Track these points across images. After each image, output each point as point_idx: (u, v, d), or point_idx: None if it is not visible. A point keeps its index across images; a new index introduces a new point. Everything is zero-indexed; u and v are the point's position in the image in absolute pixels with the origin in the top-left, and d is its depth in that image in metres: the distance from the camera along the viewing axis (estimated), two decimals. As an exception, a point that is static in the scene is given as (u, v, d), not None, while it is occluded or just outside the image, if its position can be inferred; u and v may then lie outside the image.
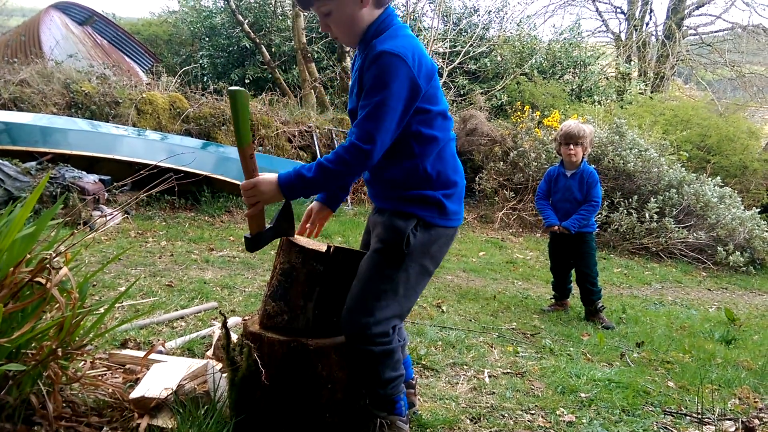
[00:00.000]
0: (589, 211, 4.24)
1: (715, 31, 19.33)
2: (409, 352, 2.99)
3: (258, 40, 11.95)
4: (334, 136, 9.03)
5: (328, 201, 2.19)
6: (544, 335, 3.78)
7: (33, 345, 1.77)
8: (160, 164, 2.67)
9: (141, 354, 2.27)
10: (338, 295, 2.02)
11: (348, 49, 10.87)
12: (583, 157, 4.28)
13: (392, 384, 1.92)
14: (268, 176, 1.81)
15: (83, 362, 2.11)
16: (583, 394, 2.70)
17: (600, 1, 19.67)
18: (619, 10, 19.74)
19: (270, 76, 12.31)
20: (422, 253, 1.88)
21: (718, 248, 7.68)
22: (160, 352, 2.42)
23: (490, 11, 14.25)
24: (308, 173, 1.73)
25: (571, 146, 4.22)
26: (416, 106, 1.76)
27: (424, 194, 1.85)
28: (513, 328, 3.89)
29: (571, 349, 3.52)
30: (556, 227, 4.31)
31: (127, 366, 2.25)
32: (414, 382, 2.27)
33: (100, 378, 2.11)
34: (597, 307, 4.36)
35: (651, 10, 19.06)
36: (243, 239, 1.93)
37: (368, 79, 1.70)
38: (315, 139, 8.78)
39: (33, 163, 5.71)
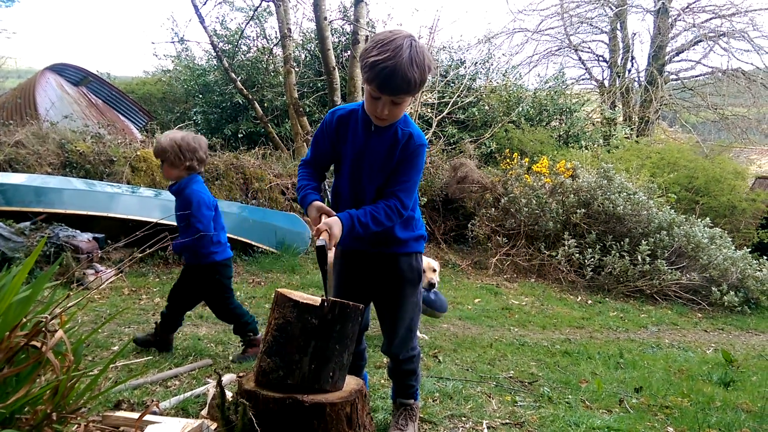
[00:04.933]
0: (191, 235, 3.43)
1: (696, 76, 19.90)
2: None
3: (251, 96, 12.18)
4: (326, 188, 9.11)
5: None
6: (542, 383, 3.75)
7: (27, 409, 1.76)
8: (156, 222, 2.71)
9: (135, 416, 2.24)
10: (334, 348, 2.03)
11: (339, 102, 11.09)
12: (178, 178, 3.54)
13: (419, 377, 2.67)
14: (336, 224, 2.21)
15: (77, 426, 2.08)
16: (582, 443, 2.68)
17: (582, 50, 20.31)
18: (601, 59, 20.37)
19: (263, 130, 12.50)
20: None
21: (712, 289, 7.70)
22: (154, 413, 2.39)
23: (476, 63, 14.64)
24: (363, 218, 2.26)
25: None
26: None
27: (419, 234, 2.56)
28: (510, 377, 3.86)
29: (570, 396, 3.50)
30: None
31: (121, 428, 2.22)
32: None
33: (93, 442, 2.08)
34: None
35: (632, 58, 19.68)
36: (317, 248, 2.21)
37: (409, 162, 2.34)
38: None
39: (27, 224, 5.73)
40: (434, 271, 4.44)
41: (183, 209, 3.49)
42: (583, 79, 20.46)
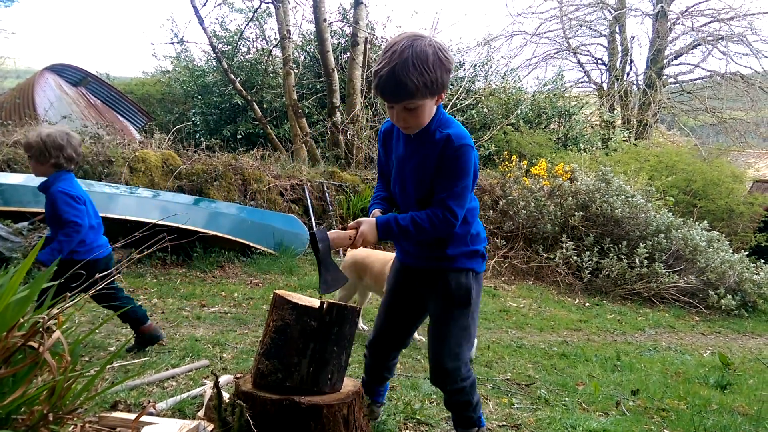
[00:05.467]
0: (65, 236, 3.32)
1: (695, 79, 19.95)
2: (403, 406, 2.98)
3: (250, 98, 12.19)
4: (325, 189, 9.12)
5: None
6: (539, 385, 3.76)
7: (24, 410, 1.76)
8: (157, 223, 2.71)
9: (131, 416, 2.24)
10: (333, 350, 2.03)
11: (338, 104, 11.10)
12: (45, 174, 3.44)
13: (478, 405, 2.40)
14: (367, 222, 2.16)
15: (73, 426, 2.08)
16: (579, 446, 2.68)
17: (581, 54, 20.33)
18: (600, 62, 20.40)
19: (261, 131, 12.50)
20: (477, 297, 2.33)
21: (710, 292, 7.72)
22: (151, 414, 2.39)
23: (476, 65, 14.68)
24: (402, 222, 2.12)
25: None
26: None
27: (474, 249, 2.29)
28: (507, 379, 3.87)
29: (567, 399, 3.50)
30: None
31: (118, 429, 2.22)
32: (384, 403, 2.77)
33: (90, 442, 2.08)
34: None
35: (631, 61, 19.71)
36: (311, 234, 2.21)
37: (451, 166, 2.10)
38: (306, 192, 8.87)
39: (25, 224, 5.72)
40: None
41: (49, 207, 3.40)
42: (581, 82, 20.51)
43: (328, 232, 2.20)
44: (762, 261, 8.66)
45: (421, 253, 2.31)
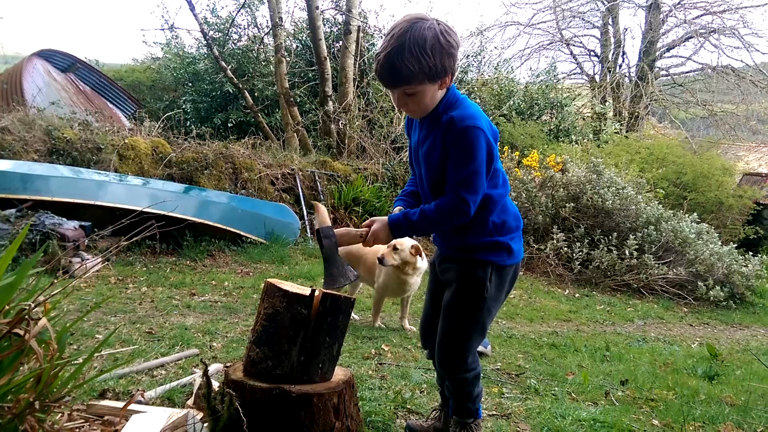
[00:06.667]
0: None
1: (686, 72, 20.03)
2: (394, 395, 2.97)
3: (241, 86, 12.08)
4: (316, 178, 9.09)
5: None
6: (528, 375, 3.77)
7: (9, 398, 1.74)
8: (145, 210, 2.69)
9: (120, 405, 2.23)
10: (324, 339, 2.02)
11: (330, 93, 11.03)
12: None
13: (479, 397, 2.36)
14: (379, 220, 2.13)
15: (61, 414, 2.06)
16: (568, 435, 2.69)
17: (574, 45, 20.34)
18: (592, 53, 20.42)
19: (253, 119, 12.41)
20: (497, 291, 2.22)
21: (698, 283, 7.77)
22: (140, 402, 2.37)
23: (468, 56, 14.63)
24: (413, 217, 2.07)
25: None
26: None
27: (495, 240, 2.17)
28: (498, 369, 3.88)
29: (556, 388, 3.52)
30: None
31: (106, 417, 2.21)
32: None
33: (78, 431, 2.06)
34: None
35: (623, 53, 19.75)
36: (317, 232, 2.22)
37: (456, 150, 2.00)
38: (298, 181, 8.83)
39: (12, 211, 5.66)
40: (395, 250, 4.10)
41: None
42: (574, 74, 20.54)
43: (336, 230, 2.18)
44: (750, 253, 8.72)
45: (444, 243, 2.30)
